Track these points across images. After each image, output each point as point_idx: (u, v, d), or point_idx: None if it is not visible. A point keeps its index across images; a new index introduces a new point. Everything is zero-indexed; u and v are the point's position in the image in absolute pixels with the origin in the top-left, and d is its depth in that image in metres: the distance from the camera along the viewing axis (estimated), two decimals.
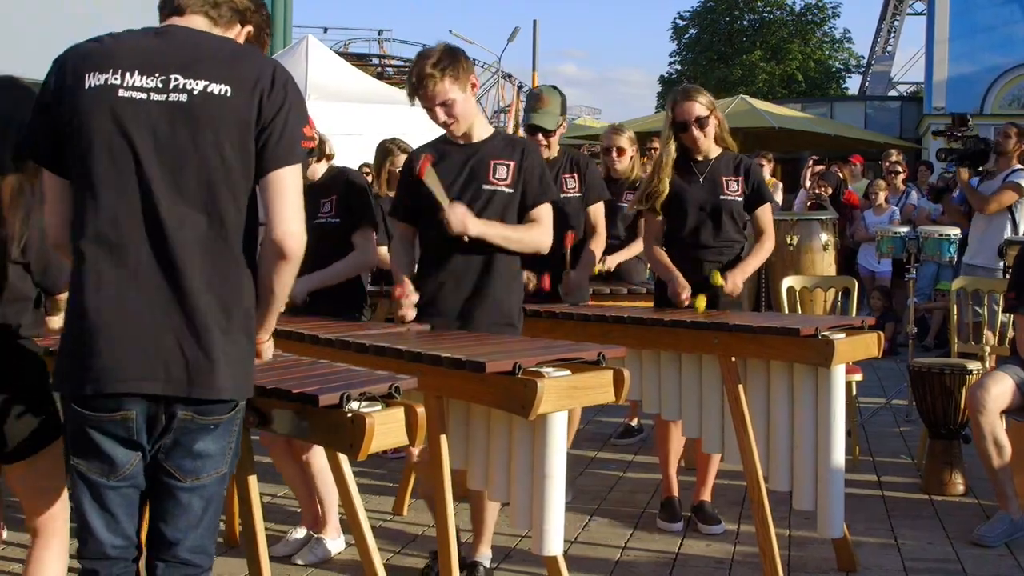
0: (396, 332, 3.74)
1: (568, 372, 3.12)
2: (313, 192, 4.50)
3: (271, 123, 2.35)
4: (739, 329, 4.10)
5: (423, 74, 3.75)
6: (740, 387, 4.17)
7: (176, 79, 2.32)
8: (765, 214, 4.81)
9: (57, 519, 3.01)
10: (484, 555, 4.18)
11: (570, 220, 4.94)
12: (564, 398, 3.04)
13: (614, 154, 6.17)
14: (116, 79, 2.33)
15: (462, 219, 3.73)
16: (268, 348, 2.71)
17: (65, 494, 3.01)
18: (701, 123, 4.69)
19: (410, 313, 3.84)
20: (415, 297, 3.86)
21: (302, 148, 2.41)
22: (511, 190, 3.94)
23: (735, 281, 4.58)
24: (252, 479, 2.94)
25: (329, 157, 4.67)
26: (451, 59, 3.79)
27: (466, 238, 3.75)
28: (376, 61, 25.61)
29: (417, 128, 7.76)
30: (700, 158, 4.78)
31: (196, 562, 2.50)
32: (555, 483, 3.13)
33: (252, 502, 2.92)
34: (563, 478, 3.17)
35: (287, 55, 12.12)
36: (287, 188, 2.38)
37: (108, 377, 2.31)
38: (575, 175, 5.08)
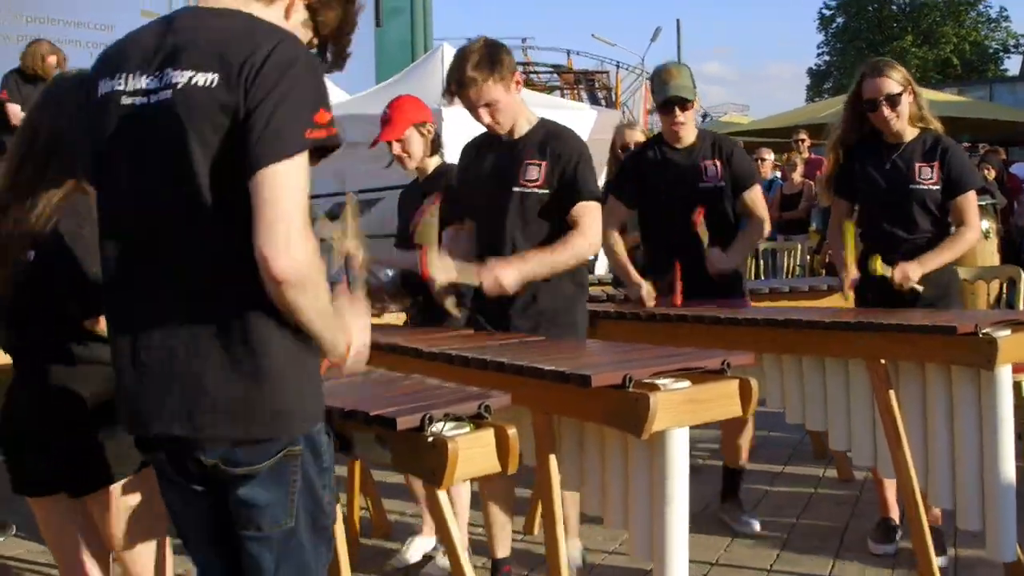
0: (504, 342, 3.47)
1: (688, 383, 2.78)
2: (423, 189, 4.40)
3: (255, 112, 1.87)
4: (888, 328, 3.69)
5: (464, 79, 3.65)
6: (891, 393, 3.76)
7: (167, 73, 1.95)
8: (965, 203, 4.22)
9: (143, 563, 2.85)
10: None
11: (712, 214, 4.54)
12: (682, 413, 2.70)
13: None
14: (120, 83, 2.02)
15: (495, 281, 3.54)
16: (352, 362, 2.17)
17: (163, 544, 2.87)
18: (892, 101, 4.18)
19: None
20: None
21: (303, 138, 1.88)
22: (544, 191, 3.75)
23: (906, 272, 4.09)
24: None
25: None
26: (491, 59, 3.67)
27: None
28: (520, 69, 25.57)
29: None
30: (892, 140, 4.30)
31: None
32: (676, 509, 2.79)
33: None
34: (685, 503, 2.83)
35: (422, 65, 12.06)
36: (269, 193, 1.85)
37: (133, 415, 2.08)
38: (717, 161, 4.62)
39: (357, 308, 2.17)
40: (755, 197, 4.67)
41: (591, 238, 3.75)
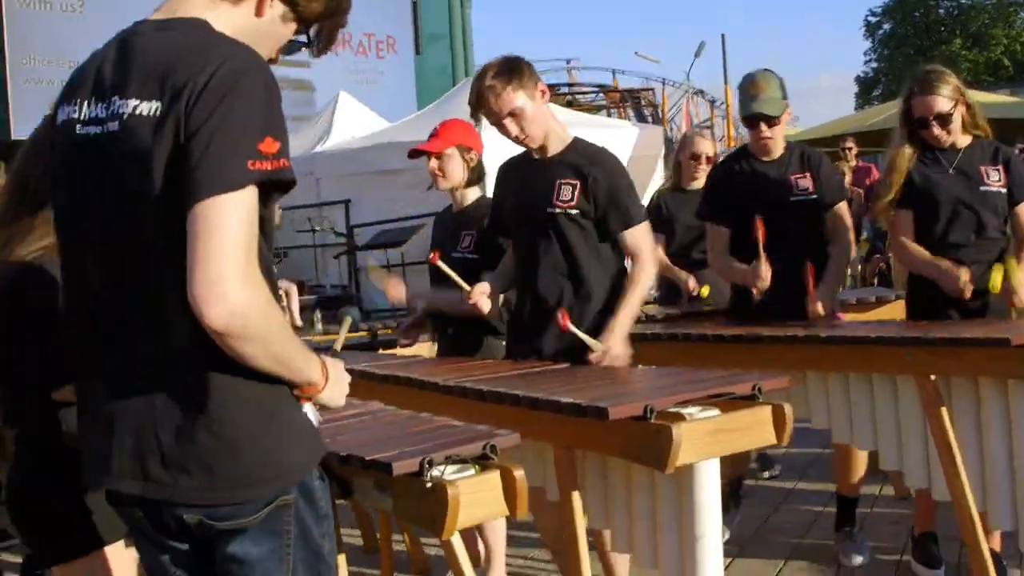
0: (526, 371, 3.30)
1: (716, 411, 2.59)
2: (457, 220, 4.29)
3: (193, 139, 1.68)
4: (935, 343, 3.47)
5: (483, 89, 3.55)
6: (943, 410, 3.52)
7: (115, 102, 1.79)
8: None
9: None
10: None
11: (805, 227, 4.34)
12: (709, 444, 2.51)
13: None
14: (75, 111, 1.87)
15: (616, 356, 3.49)
16: (328, 393, 1.96)
17: None
18: (943, 120, 3.99)
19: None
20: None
21: (245, 170, 1.68)
22: (576, 211, 3.61)
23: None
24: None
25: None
26: (510, 67, 3.58)
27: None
28: (565, 89, 25.51)
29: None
30: (947, 147, 4.09)
31: None
32: (708, 545, 2.60)
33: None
34: (719, 539, 2.63)
35: (462, 91, 11.98)
36: (203, 228, 1.64)
37: (103, 468, 1.89)
38: (807, 173, 4.41)
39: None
40: (841, 213, 4.43)
41: (652, 267, 3.73)
